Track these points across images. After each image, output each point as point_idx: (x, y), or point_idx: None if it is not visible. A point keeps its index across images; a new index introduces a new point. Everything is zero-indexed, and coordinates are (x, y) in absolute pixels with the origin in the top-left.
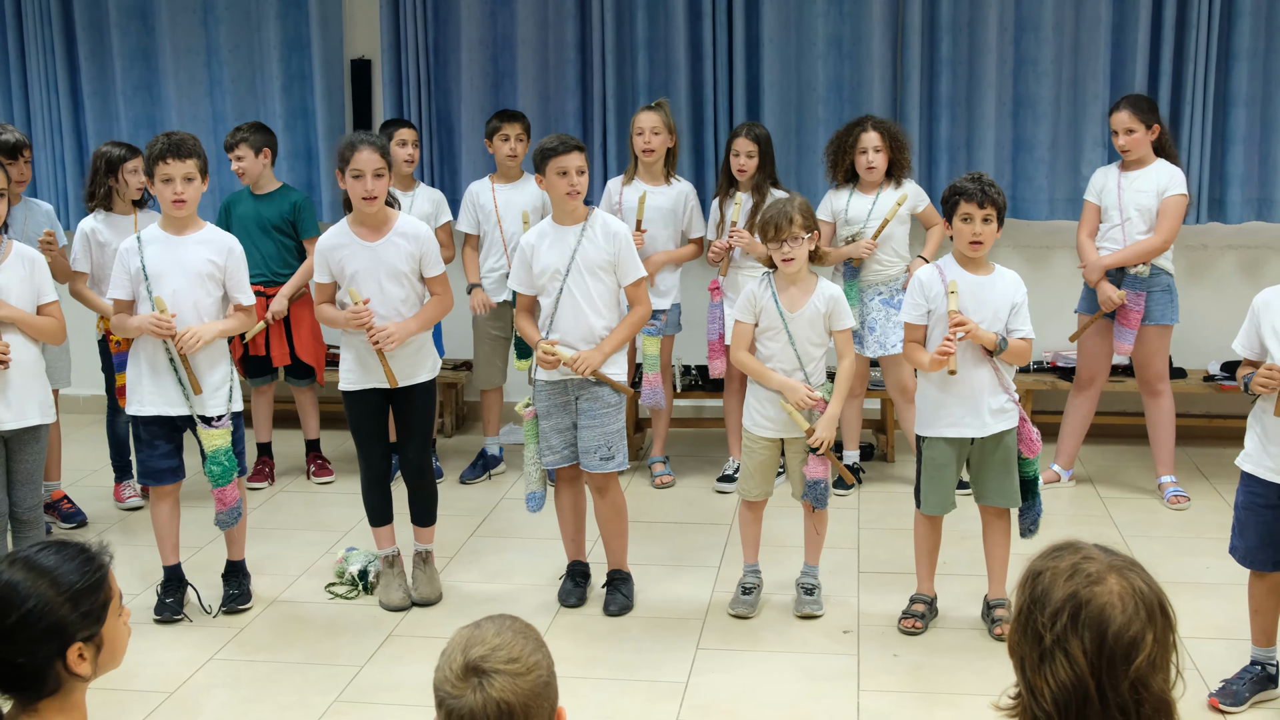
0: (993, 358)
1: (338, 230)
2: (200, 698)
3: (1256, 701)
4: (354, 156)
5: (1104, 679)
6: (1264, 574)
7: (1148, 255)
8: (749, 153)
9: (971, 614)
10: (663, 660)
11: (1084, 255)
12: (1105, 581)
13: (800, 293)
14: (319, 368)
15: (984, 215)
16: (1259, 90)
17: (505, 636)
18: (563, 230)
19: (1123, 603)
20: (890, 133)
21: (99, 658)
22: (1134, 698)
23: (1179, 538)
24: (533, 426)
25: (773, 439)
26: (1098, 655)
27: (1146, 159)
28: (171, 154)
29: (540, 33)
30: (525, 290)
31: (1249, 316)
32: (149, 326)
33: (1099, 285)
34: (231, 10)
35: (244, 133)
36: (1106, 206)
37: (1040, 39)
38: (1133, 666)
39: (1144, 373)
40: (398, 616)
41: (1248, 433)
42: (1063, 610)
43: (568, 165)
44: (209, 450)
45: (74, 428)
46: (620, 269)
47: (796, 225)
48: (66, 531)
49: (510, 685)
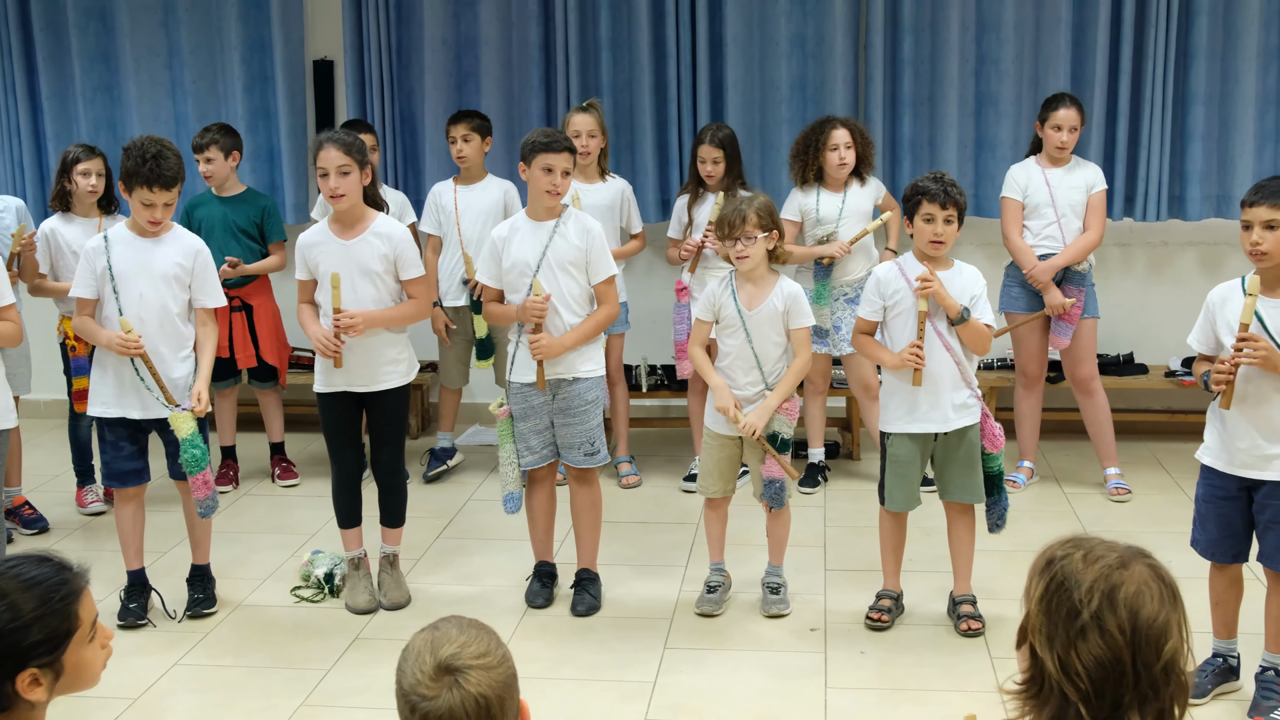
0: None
1: (317, 228)
2: (165, 703)
3: (1218, 693)
4: (319, 155)
5: (1139, 660)
6: (1224, 566)
7: (1089, 251)
8: (714, 159)
9: (937, 610)
10: (631, 660)
11: (1024, 258)
12: (1130, 567)
13: (759, 291)
14: (282, 369)
15: (946, 216)
16: (1217, 88)
17: (469, 633)
18: (536, 225)
19: (1149, 588)
20: (858, 130)
21: (60, 682)
22: (1164, 679)
23: (1140, 532)
24: (507, 427)
25: (731, 436)
26: (1133, 635)
27: (1069, 156)
28: (158, 184)
29: (504, 32)
30: (492, 284)
31: (1204, 312)
32: (116, 347)
33: (1048, 290)
34: (192, 11)
35: (214, 134)
36: (1037, 204)
37: (1001, 38)
38: (1165, 650)
39: (1078, 370)
40: (364, 619)
41: (1207, 426)
42: (1095, 589)
43: (554, 164)
44: (181, 436)
45: (35, 432)
46: (591, 266)
47: (750, 224)
48: (29, 538)
49: (486, 679)
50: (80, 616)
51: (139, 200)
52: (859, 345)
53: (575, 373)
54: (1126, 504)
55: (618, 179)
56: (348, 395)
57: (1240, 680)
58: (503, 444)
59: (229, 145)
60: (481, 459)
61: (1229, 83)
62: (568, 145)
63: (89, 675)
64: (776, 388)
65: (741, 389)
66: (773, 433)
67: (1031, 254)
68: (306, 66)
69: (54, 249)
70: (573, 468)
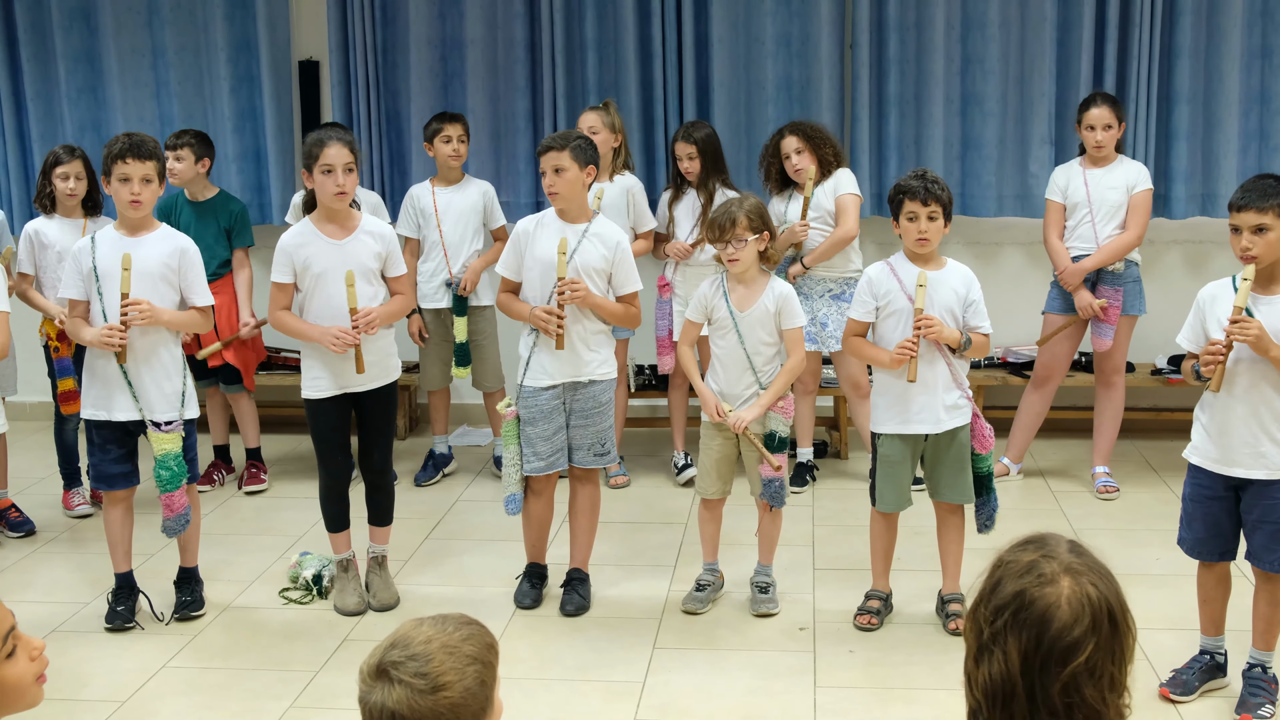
0: (953, 354)
1: (300, 229)
2: (153, 706)
3: (1206, 690)
4: (323, 152)
5: (1036, 679)
6: (1211, 564)
7: (1124, 252)
8: (689, 155)
9: (926, 609)
10: (619, 660)
11: (1058, 260)
12: (1057, 583)
13: (750, 292)
14: (247, 373)
15: (929, 213)
16: (1201, 87)
17: (431, 647)
18: (566, 227)
19: (1070, 606)
20: (807, 132)
21: None
22: (1064, 701)
23: (1128, 530)
24: (513, 428)
25: (726, 431)
26: (1034, 654)
27: (1110, 155)
28: (131, 154)
29: (489, 33)
30: (512, 276)
31: (1193, 310)
32: (101, 342)
33: (1077, 291)
34: (177, 12)
35: (189, 138)
36: (1075, 204)
37: (987, 38)
38: (1066, 670)
39: (1105, 364)
40: (353, 621)
41: (1194, 425)
42: (1007, 607)
43: (544, 165)
44: (158, 454)
45: (21, 434)
46: (616, 279)
47: (741, 227)
48: (16, 541)
49: (406, 699)
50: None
51: (118, 177)
52: (851, 347)
53: (592, 375)
54: (1114, 502)
55: (628, 176)
56: (341, 398)
57: (1228, 677)
58: (507, 445)
59: (201, 151)
60: (468, 460)
61: (1213, 82)
62: (552, 144)
63: (19, 695)
64: (770, 387)
65: (735, 391)
66: (770, 431)
67: (1065, 256)
68: (292, 67)
69: (38, 249)
70: (578, 468)
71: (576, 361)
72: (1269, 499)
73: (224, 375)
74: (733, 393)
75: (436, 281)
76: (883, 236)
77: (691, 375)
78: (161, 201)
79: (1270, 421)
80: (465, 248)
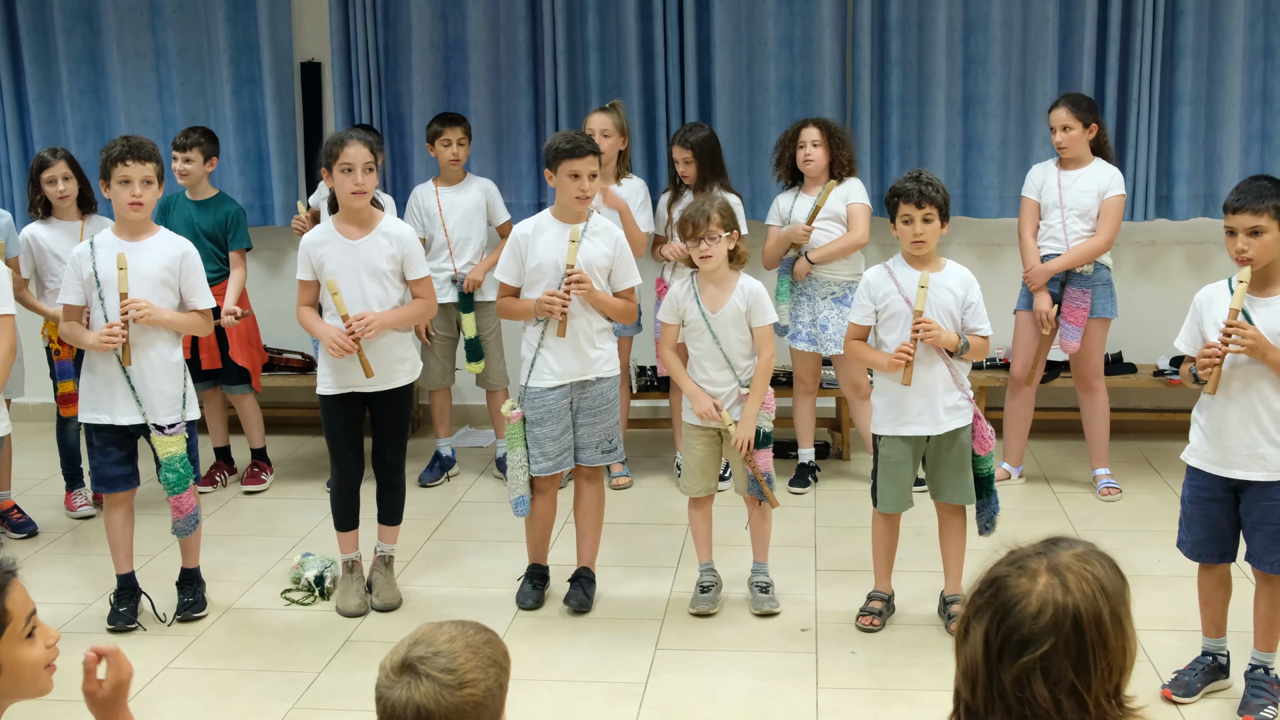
0: (951, 357)
1: (322, 228)
2: (155, 707)
3: (1208, 692)
4: (343, 151)
5: (995, 666)
6: (1211, 566)
7: (1092, 256)
8: (685, 159)
9: (928, 610)
10: (621, 661)
11: (1028, 257)
12: (1035, 577)
13: (720, 292)
14: (254, 372)
15: (924, 215)
16: (1203, 88)
17: (455, 645)
18: (565, 227)
19: (1036, 601)
20: (830, 130)
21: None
22: (1016, 694)
23: (1130, 531)
24: (518, 430)
25: (708, 428)
26: (994, 638)
27: (1084, 158)
28: (131, 156)
29: (491, 34)
30: (512, 281)
31: (1191, 313)
32: (102, 344)
33: (1038, 293)
34: (180, 13)
35: (198, 136)
36: (1047, 204)
37: (989, 38)
38: (1018, 662)
39: (1082, 368)
40: (355, 622)
41: (1192, 427)
42: (985, 590)
43: (580, 169)
44: (163, 458)
45: (23, 436)
46: (615, 274)
47: (714, 224)
48: (18, 542)
49: (434, 694)
50: (9, 610)
51: (118, 180)
52: (851, 351)
53: (599, 372)
54: (1116, 503)
55: (633, 178)
56: (354, 397)
57: (1230, 679)
58: (512, 447)
59: (210, 150)
60: (470, 461)
61: (1215, 83)
62: (591, 148)
63: (30, 678)
64: (751, 393)
65: (715, 390)
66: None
67: (1035, 254)
68: (294, 69)
69: (37, 254)
70: (584, 467)
71: (582, 359)
72: (1268, 500)
73: (228, 376)
74: (712, 392)
75: (441, 278)
76: (885, 238)
77: (679, 378)
78: (160, 201)
79: (1268, 423)
80: (470, 245)
